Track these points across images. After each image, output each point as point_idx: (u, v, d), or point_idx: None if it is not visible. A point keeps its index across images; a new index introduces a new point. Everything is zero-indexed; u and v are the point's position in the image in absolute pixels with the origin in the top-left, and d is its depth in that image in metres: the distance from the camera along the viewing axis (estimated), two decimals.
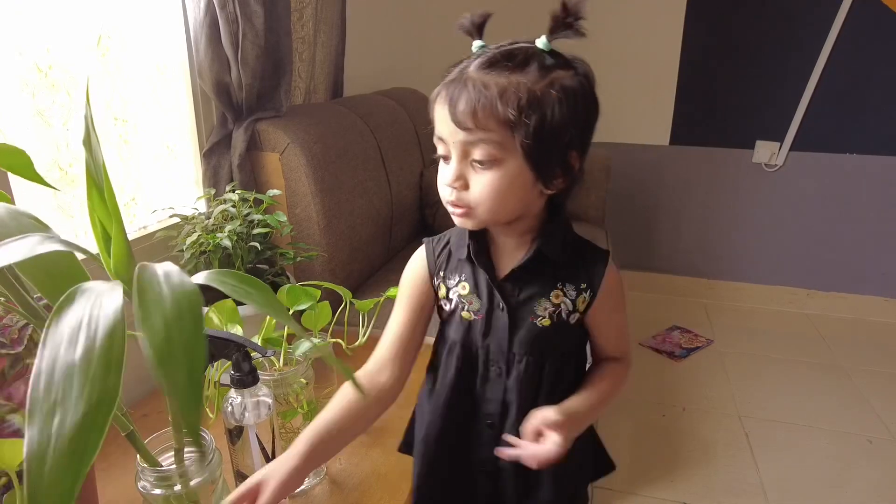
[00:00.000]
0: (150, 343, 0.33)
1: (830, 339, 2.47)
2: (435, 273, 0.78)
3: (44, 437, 0.30)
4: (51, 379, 0.32)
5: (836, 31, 2.32)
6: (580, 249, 0.76)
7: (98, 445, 0.32)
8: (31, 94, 0.98)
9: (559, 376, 0.76)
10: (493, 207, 0.68)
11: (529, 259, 0.72)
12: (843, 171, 2.51)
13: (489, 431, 0.77)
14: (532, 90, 0.63)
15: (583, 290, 0.73)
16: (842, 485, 1.66)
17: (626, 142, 2.69)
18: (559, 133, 0.64)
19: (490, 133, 0.64)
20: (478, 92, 0.63)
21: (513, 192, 0.67)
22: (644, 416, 1.97)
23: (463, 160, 0.67)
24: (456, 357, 0.77)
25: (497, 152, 0.65)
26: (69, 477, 0.30)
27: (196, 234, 1.07)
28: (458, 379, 0.77)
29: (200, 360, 0.34)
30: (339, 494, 0.87)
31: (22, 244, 0.42)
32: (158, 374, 0.33)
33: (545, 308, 0.73)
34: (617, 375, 0.79)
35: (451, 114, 0.64)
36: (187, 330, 0.34)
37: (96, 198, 0.38)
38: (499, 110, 0.62)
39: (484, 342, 0.75)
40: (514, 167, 0.66)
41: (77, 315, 0.36)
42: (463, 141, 0.65)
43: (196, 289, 0.36)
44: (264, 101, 1.40)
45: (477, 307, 0.74)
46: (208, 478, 0.68)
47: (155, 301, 0.34)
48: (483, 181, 0.66)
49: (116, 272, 0.41)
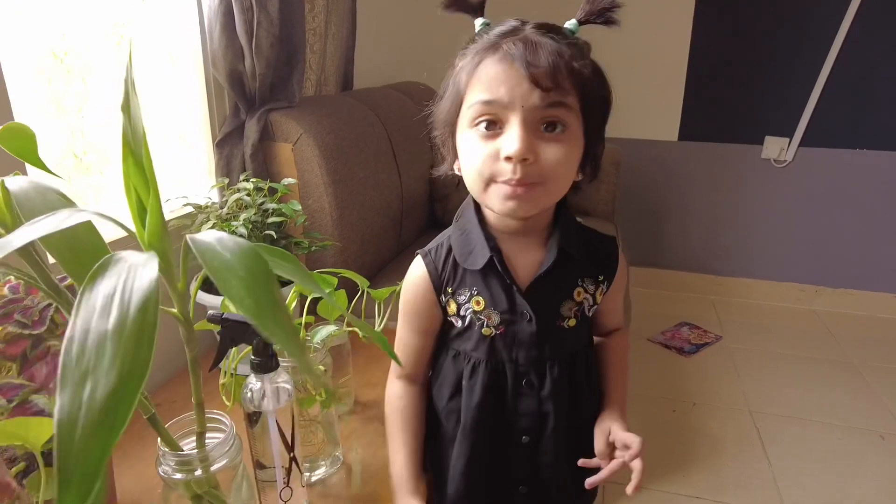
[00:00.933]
0: (242, 310, 0.32)
1: (840, 336, 2.46)
2: (441, 290, 0.71)
3: (75, 405, 0.29)
4: (83, 346, 0.31)
5: (846, 26, 2.31)
6: (591, 241, 0.73)
7: (127, 418, 0.31)
8: (46, 80, 0.97)
9: (591, 373, 0.75)
10: (564, 180, 0.62)
11: (553, 261, 0.67)
12: (853, 167, 2.49)
13: (527, 448, 0.72)
14: (588, 62, 0.61)
15: (601, 283, 0.72)
16: (854, 480, 1.65)
17: (635, 137, 2.68)
18: (607, 111, 0.64)
19: (567, 95, 0.58)
20: (556, 48, 0.57)
21: (573, 169, 0.63)
22: (654, 411, 1.97)
23: (533, 129, 0.59)
24: (481, 376, 0.71)
25: (570, 118, 0.60)
26: (99, 447, 0.29)
27: (211, 222, 1.07)
28: (486, 398, 0.71)
29: (286, 309, 0.35)
30: (357, 483, 0.86)
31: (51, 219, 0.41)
32: (264, 333, 0.33)
33: (570, 308, 0.69)
34: (625, 346, 0.80)
35: (530, 71, 0.56)
36: (267, 287, 0.34)
37: (132, 166, 0.37)
38: (577, 69, 0.58)
39: (511, 356, 0.70)
40: (578, 138, 0.62)
41: (111, 284, 0.35)
42: (538, 104, 0.57)
43: (251, 245, 0.36)
44: (277, 92, 1.39)
45: (497, 321, 0.68)
46: (228, 463, 0.67)
47: (226, 268, 0.34)
48: (557, 151, 0.59)
49: (150, 244, 0.40)
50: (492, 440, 0.72)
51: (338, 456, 0.89)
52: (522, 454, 0.73)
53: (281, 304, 0.34)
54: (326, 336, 0.88)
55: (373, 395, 1.06)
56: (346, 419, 1.00)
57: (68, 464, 0.26)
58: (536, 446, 0.72)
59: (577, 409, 0.72)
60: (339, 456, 0.90)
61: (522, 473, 0.74)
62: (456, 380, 0.73)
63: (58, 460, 0.27)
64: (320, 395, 0.87)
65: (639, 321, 2.53)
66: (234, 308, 0.90)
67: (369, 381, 1.09)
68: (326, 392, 0.88)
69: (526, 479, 0.74)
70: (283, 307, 0.34)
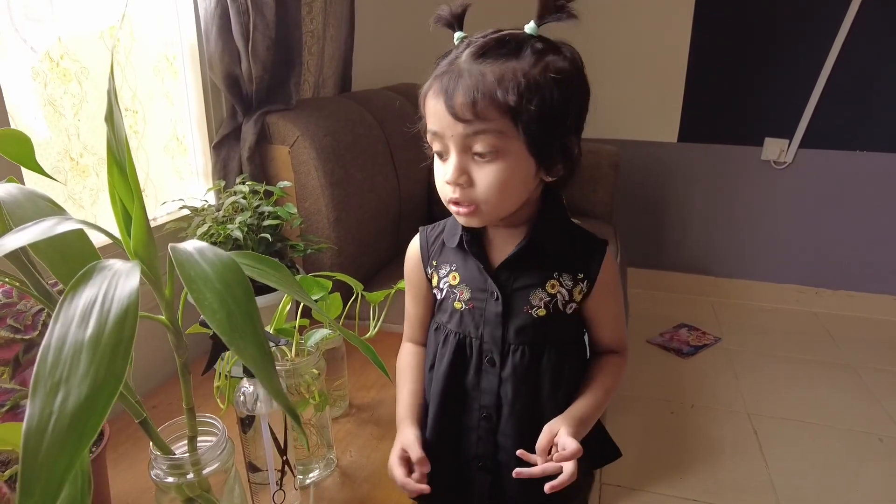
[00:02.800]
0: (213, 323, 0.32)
1: (839, 338, 2.46)
2: (427, 262, 0.79)
3: (45, 414, 0.29)
4: (59, 355, 0.31)
5: (846, 26, 2.30)
6: (577, 239, 0.74)
7: (97, 429, 0.31)
8: (42, 83, 0.98)
9: (558, 369, 0.74)
10: (500, 202, 0.67)
11: (523, 248, 0.71)
12: (853, 168, 2.49)
13: (486, 425, 0.75)
14: (530, 74, 0.61)
15: (580, 281, 0.72)
16: (852, 483, 1.65)
17: (634, 139, 2.67)
18: (560, 116, 0.63)
19: (491, 123, 0.62)
20: (475, 81, 0.62)
21: (517, 182, 0.66)
22: (652, 413, 1.96)
23: (463, 154, 0.65)
24: (450, 347, 0.76)
25: (499, 142, 0.63)
26: (66, 457, 0.29)
27: (206, 225, 1.07)
28: (452, 369, 0.76)
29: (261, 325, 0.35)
30: (350, 486, 0.86)
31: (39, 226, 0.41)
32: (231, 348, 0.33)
33: (540, 298, 0.72)
34: (616, 369, 0.78)
35: (449, 106, 0.63)
36: (241, 301, 0.34)
37: (117, 175, 0.37)
38: (499, 98, 0.61)
39: (477, 332, 0.74)
40: (516, 157, 0.64)
41: (92, 293, 0.35)
42: (462, 134, 0.63)
43: (232, 258, 0.36)
44: (274, 94, 1.39)
45: (467, 297, 0.74)
46: (220, 466, 0.67)
47: (202, 278, 0.34)
48: (488, 175, 0.65)
49: (136, 253, 0.40)
50: (456, 412, 0.77)
51: (332, 459, 0.90)
52: (483, 430, 0.76)
53: (255, 321, 0.34)
54: (320, 339, 0.88)
55: (367, 397, 1.06)
56: (341, 422, 1.00)
57: (32, 473, 0.26)
58: (496, 426, 0.75)
59: (538, 401, 0.74)
60: (333, 459, 0.90)
61: (482, 450, 0.76)
62: (435, 350, 0.79)
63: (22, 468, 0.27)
64: (314, 397, 0.87)
65: (637, 323, 2.52)
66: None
67: (364, 384, 1.10)
68: (320, 395, 0.88)
69: (485, 458, 0.76)
70: (256, 324, 0.34)
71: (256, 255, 0.46)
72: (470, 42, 0.65)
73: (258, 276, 0.45)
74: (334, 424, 0.98)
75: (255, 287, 1.17)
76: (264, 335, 0.34)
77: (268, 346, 0.34)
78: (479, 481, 0.78)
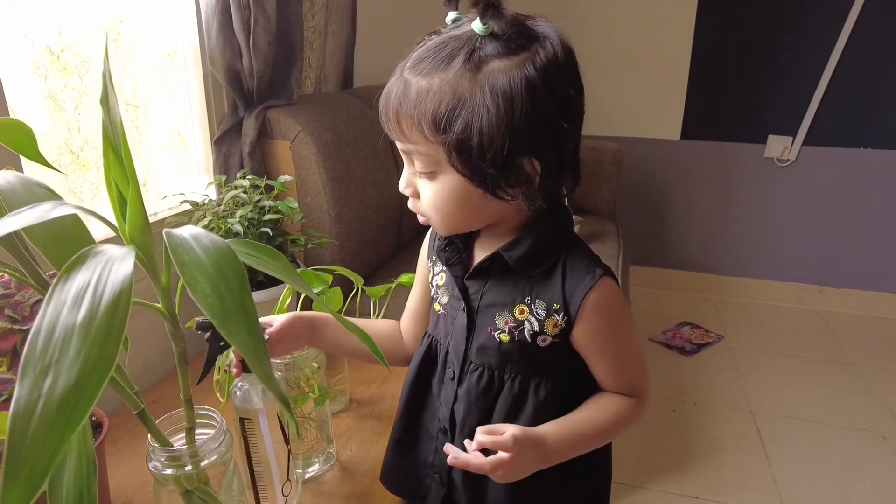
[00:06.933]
0: (205, 308, 0.32)
1: (843, 336, 2.45)
2: (430, 256, 0.76)
3: (33, 397, 0.29)
4: (49, 338, 0.31)
5: (850, 23, 2.29)
6: (568, 265, 0.62)
7: (86, 413, 0.30)
8: (43, 76, 0.97)
9: (518, 404, 0.65)
10: (444, 220, 0.62)
11: (488, 262, 0.64)
12: (857, 165, 2.48)
13: (442, 437, 0.71)
14: (455, 93, 0.53)
15: (554, 312, 0.61)
16: (856, 481, 1.64)
17: (637, 136, 2.67)
18: (490, 143, 0.53)
19: (417, 144, 0.57)
20: (398, 99, 0.56)
21: (461, 205, 0.59)
22: (655, 411, 1.94)
23: (411, 166, 0.61)
24: (422, 348, 0.73)
25: (431, 164, 0.58)
26: (53, 441, 0.28)
27: (207, 219, 1.07)
28: (419, 371, 0.73)
29: (254, 313, 0.34)
30: (350, 481, 0.86)
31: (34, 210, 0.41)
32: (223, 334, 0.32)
33: (506, 321, 0.63)
34: (619, 410, 0.65)
35: (385, 120, 0.59)
36: (235, 287, 0.33)
37: (113, 159, 0.37)
38: (416, 120, 0.55)
39: (445, 340, 0.70)
40: (452, 179, 0.57)
41: (85, 277, 0.35)
42: (401, 149, 0.60)
43: (228, 244, 0.36)
44: (275, 89, 1.39)
45: (446, 301, 0.70)
46: (219, 459, 0.67)
47: (195, 263, 0.33)
48: (427, 193, 0.60)
49: (132, 238, 0.40)
50: (420, 416, 0.74)
51: (331, 453, 0.89)
52: (440, 442, 0.72)
53: (247, 307, 0.34)
54: None
55: (367, 392, 1.06)
56: (341, 417, 1.00)
57: (18, 456, 0.26)
58: (452, 441, 0.69)
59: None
60: (333, 453, 0.90)
61: (438, 461, 0.72)
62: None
63: (7, 452, 0.26)
64: (313, 391, 0.87)
65: (640, 320, 2.52)
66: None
67: (364, 378, 1.09)
68: (320, 389, 0.88)
69: (440, 469, 0.72)
70: (249, 311, 0.34)
71: (254, 243, 0.46)
72: (422, 41, 0.57)
73: (256, 264, 0.44)
74: (335, 419, 0.98)
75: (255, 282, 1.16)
76: (257, 321, 0.34)
77: (260, 332, 0.34)
78: (434, 491, 0.74)
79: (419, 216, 0.65)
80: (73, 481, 0.40)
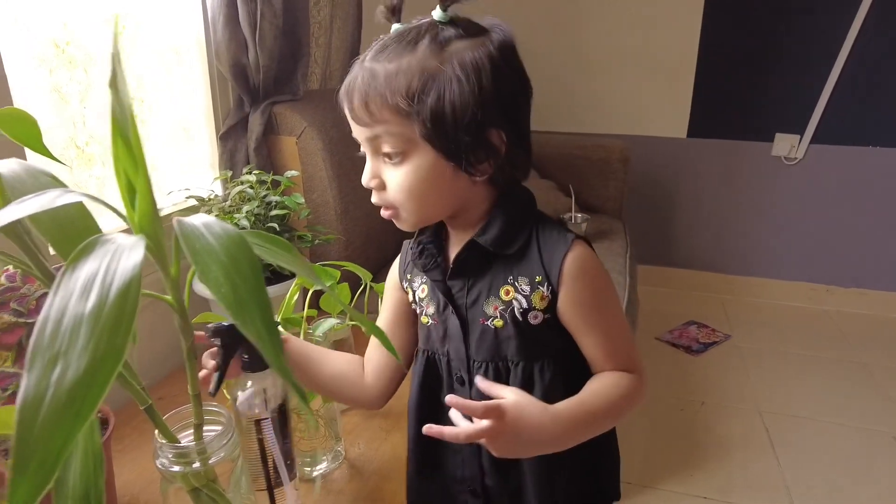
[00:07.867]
0: (218, 297, 0.31)
1: (851, 336, 2.43)
2: (403, 276, 0.74)
3: (41, 387, 0.28)
4: (57, 327, 0.30)
5: (859, 21, 2.27)
6: (541, 237, 0.64)
7: (96, 404, 0.29)
8: (48, 70, 0.97)
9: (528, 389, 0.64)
10: (415, 205, 0.62)
11: (465, 253, 0.64)
12: (865, 164, 2.46)
13: (468, 447, 0.69)
14: (424, 69, 0.57)
15: (538, 284, 0.62)
16: (865, 482, 1.62)
17: (644, 134, 2.65)
18: (463, 112, 0.57)
19: (387, 125, 0.59)
20: (365, 83, 0.58)
21: (432, 185, 0.61)
22: (662, 410, 1.94)
23: (375, 157, 0.62)
24: (420, 365, 0.72)
25: (402, 144, 0.59)
26: (62, 433, 0.27)
27: (213, 214, 1.06)
28: (423, 389, 0.71)
29: (268, 302, 0.33)
30: (359, 479, 0.85)
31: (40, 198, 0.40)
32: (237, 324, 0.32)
33: (495, 307, 0.64)
34: (619, 383, 0.64)
35: (349, 110, 0.60)
36: (248, 276, 0.32)
37: (121, 146, 0.36)
38: (387, 98, 0.57)
39: (443, 348, 0.69)
40: (425, 158, 0.59)
41: (94, 266, 0.34)
42: (367, 137, 0.61)
43: (240, 233, 0.34)
44: (281, 84, 1.38)
45: (432, 311, 0.69)
46: (227, 456, 0.66)
47: (207, 251, 0.32)
48: (397, 177, 0.61)
49: (141, 227, 0.39)
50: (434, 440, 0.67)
51: (339, 451, 0.88)
52: (466, 453, 0.70)
53: (261, 297, 0.32)
54: (328, 329, 0.87)
55: None
56: (350, 414, 0.98)
57: (27, 448, 0.25)
58: (479, 448, 0.68)
59: None
60: (341, 451, 0.88)
61: (469, 473, 0.70)
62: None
63: (15, 444, 0.25)
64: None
65: (646, 319, 2.50)
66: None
67: None
68: None
69: (472, 481, 0.70)
70: (263, 300, 0.33)
71: (266, 234, 0.45)
72: (378, 39, 0.61)
73: (268, 255, 0.43)
74: (343, 417, 0.97)
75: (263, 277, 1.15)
76: (271, 310, 0.33)
77: (274, 322, 0.33)
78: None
79: (383, 211, 0.65)
80: (79, 477, 0.39)
